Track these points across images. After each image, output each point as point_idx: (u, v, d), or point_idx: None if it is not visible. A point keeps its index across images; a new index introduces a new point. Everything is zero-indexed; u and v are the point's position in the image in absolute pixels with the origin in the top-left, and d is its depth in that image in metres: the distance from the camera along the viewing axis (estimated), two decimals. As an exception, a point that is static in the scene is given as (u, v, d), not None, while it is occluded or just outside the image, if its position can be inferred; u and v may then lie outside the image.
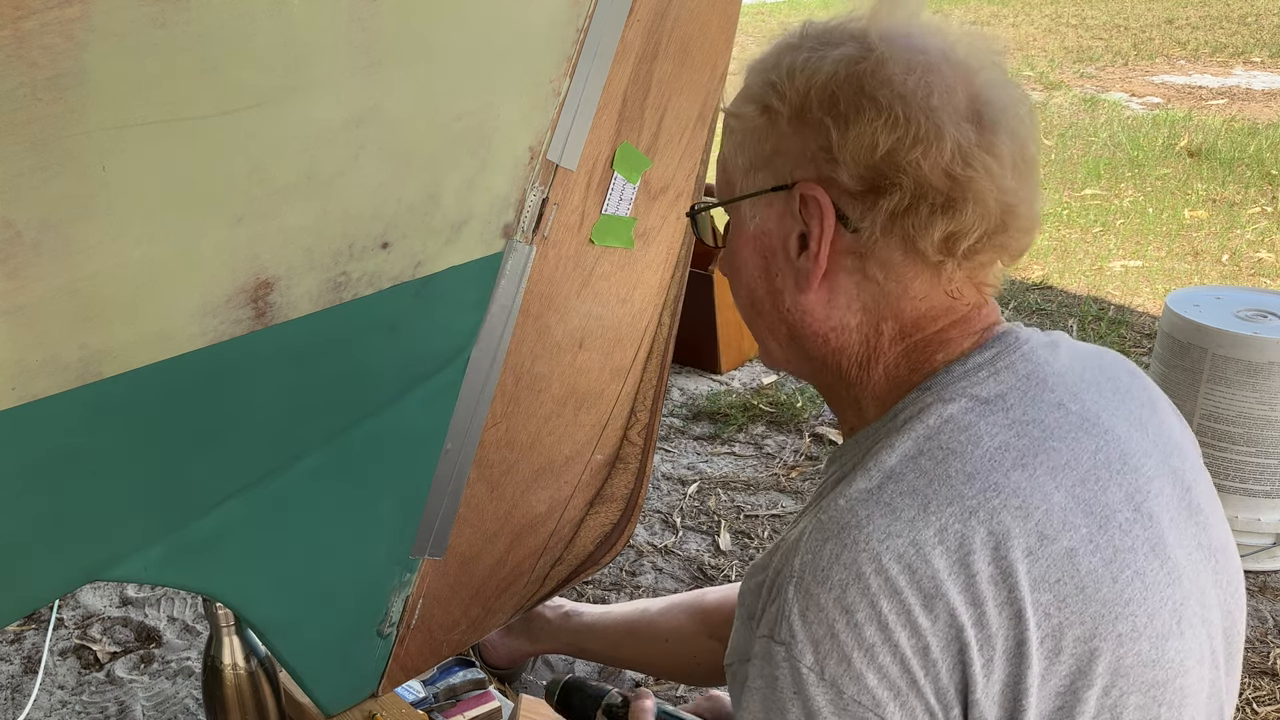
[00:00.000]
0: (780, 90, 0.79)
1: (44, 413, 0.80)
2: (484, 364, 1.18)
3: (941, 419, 0.76)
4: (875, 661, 0.69)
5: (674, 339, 1.42)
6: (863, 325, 0.82)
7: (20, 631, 2.05)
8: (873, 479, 0.74)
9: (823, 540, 0.72)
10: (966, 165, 0.75)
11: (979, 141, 0.75)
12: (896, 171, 0.75)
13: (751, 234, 0.84)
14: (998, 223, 0.77)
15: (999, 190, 0.76)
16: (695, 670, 1.57)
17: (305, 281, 0.92)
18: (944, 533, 0.70)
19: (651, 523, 2.42)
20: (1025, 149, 0.78)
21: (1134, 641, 0.73)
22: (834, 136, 0.76)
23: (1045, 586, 0.70)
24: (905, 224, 0.76)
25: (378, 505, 1.18)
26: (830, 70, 0.77)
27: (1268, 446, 2.17)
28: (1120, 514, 0.75)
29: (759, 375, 3.20)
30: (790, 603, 0.71)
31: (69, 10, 0.66)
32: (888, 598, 0.69)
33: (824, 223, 0.78)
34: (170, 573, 1.00)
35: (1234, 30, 9.27)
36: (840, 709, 0.69)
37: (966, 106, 0.76)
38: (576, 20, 1.02)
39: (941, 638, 0.68)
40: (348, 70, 0.84)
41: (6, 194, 0.69)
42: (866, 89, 0.75)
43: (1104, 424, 0.79)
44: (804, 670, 0.70)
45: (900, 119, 0.74)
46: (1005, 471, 0.73)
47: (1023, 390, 0.78)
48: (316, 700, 1.28)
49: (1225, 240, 4.28)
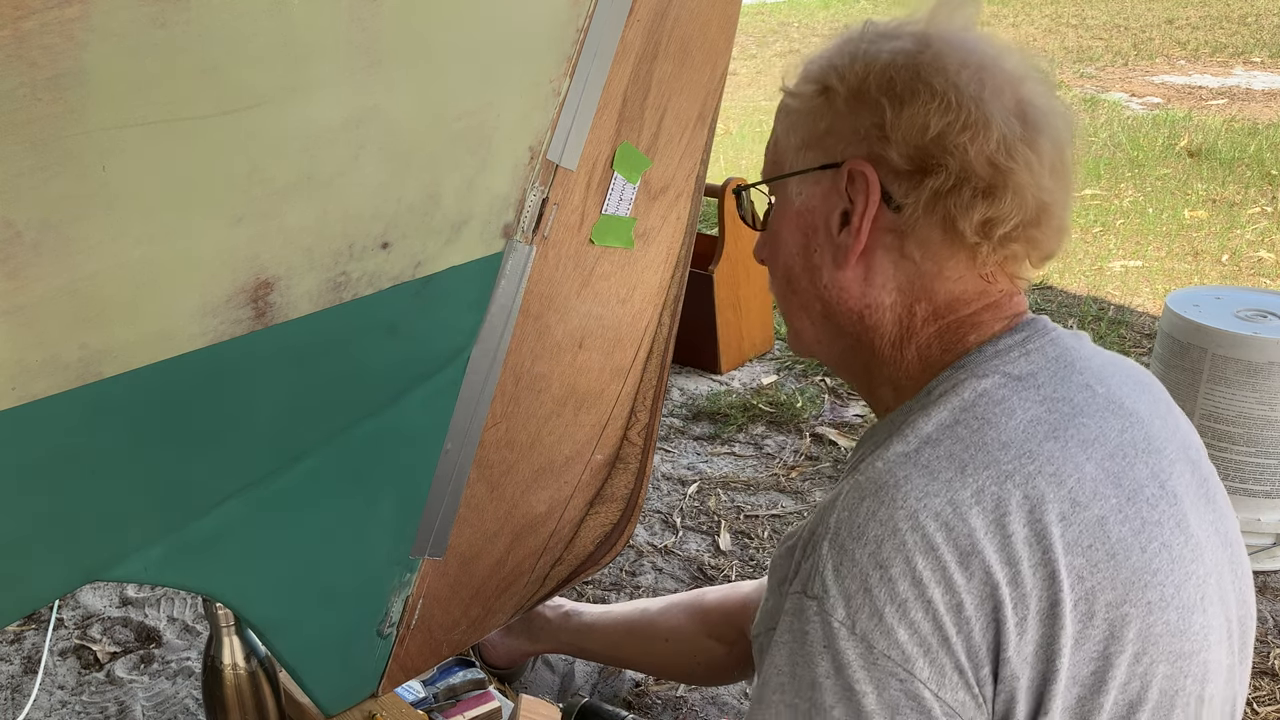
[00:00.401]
0: (841, 72, 0.84)
1: (44, 413, 0.80)
2: (484, 364, 1.18)
3: (976, 393, 0.78)
4: (907, 617, 0.70)
5: (674, 339, 1.42)
6: (896, 305, 0.85)
7: (20, 631, 2.05)
8: (909, 444, 0.76)
9: (859, 498, 0.74)
10: (1010, 156, 0.79)
11: (1023, 136, 0.79)
12: (944, 153, 0.79)
13: (796, 210, 0.88)
14: (1033, 216, 0.81)
15: (1037, 186, 0.80)
16: (695, 670, 1.57)
17: (305, 281, 0.92)
18: (981, 494, 0.72)
19: (651, 523, 2.42)
20: (1063, 155, 0.82)
21: (1163, 610, 0.74)
22: (888, 115, 0.80)
23: (1079, 551, 0.72)
24: (947, 204, 0.80)
25: (378, 505, 1.18)
26: (889, 58, 0.82)
27: (1268, 446, 2.17)
28: (1147, 489, 0.77)
29: (759, 375, 3.20)
30: (825, 558, 0.73)
31: (69, 10, 0.66)
32: (923, 554, 0.70)
33: (869, 198, 0.82)
34: (170, 573, 1.00)
35: (1234, 30, 9.27)
36: (870, 663, 0.70)
37: (1014, 105, 0.80)
38: (576, 20, 1.02)
39: (976, 595, 0.69)
40: (348, 70, 0.84)
41: (6, 194, 0.69)
42: (923, 75, 0.80)
43: (1128, 408, 0.82)
44: (835, 624, 0.71)
45: (952, 104, 0.78)
46: (1039, 441, 0.75)
47: (1052, 370, 0.81)
48: (316, 700, 1.28)
49: (1225, 240, 4.28)
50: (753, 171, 5.88)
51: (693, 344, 3.14)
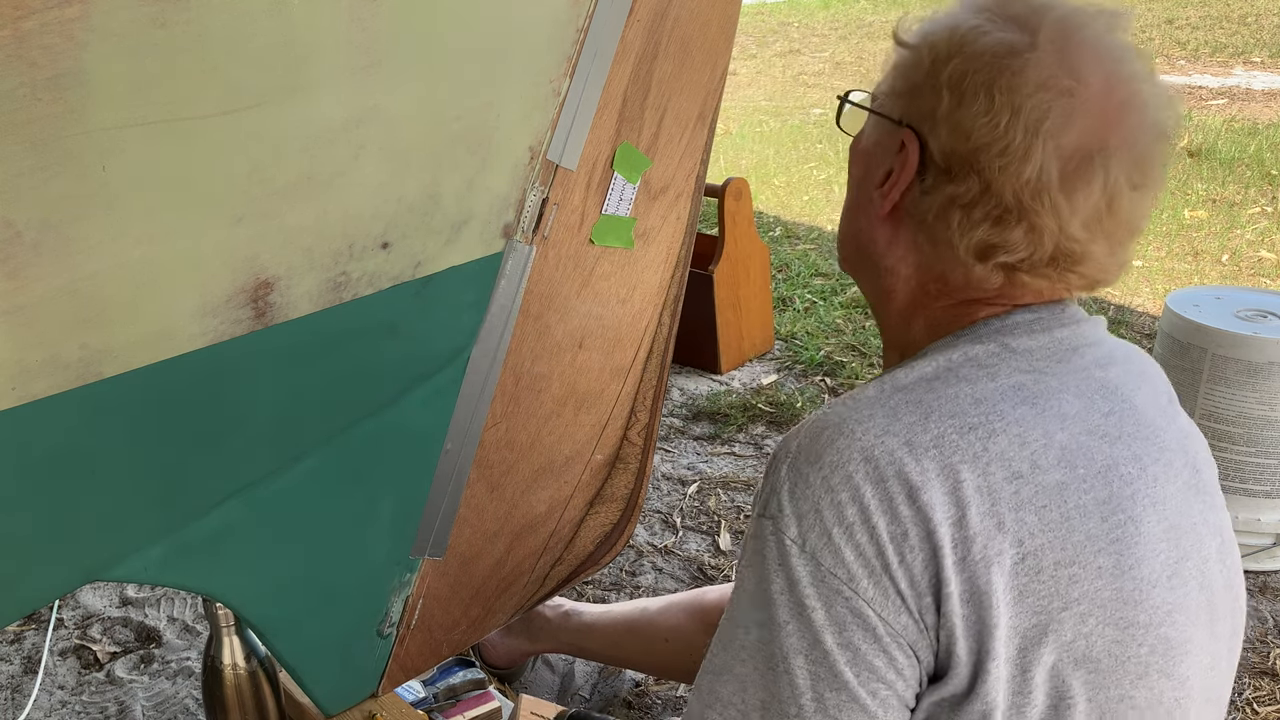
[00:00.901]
0: (935, 44, 0.82)
1: (44, 413, 0.80)
2: (484, 364, 1.18)
3: (965, 356, 0.80)
4: (853, 539, 0.72)
5: (674, 339, 1.42)
6: (911, 279, 0.86)
7: (20, 631, 2.05)
8: (884, 389, 0.78)
9: (821, 429, 0.76)
10: (1035, 197, 0.77)
11: (1060, 184, 0.76)
12: (972, 168, 0.78)
13: (864, 147, 0.90)
14: (1047, 257, 0.79)
15: (1061, 233, 0.78)
16: (695, 669, 1.57)
17: (305, 281, 0.92)
18: (940, 440, 0.74)
19: (651, 523, 2.42)
20: (1118, 212, 0.78)
21: (1115, 577, 0.76)
22: (943, 108, 0.79)
23: (1031, 509, 0.74)
24: (955, 216, 0.80)
25: (378, 505, 1.18)
26: (980, 50, 0.79)
27: (1268, 446, 2.17)
28: (1123, 467, 0.78)
29: (759, 375, 3.20)
30: (782, 479, 0.76)
31: (69, 10, 0.66)
32: (873, 484, 0.73)
33: (904, 173, 0.83)
34: (170, 573, 1.00)
35: (1234, 30, 9.26)
36: (818, 580, 0.73)
37: (1075, 145, 0.76)
38: (576, 20, 1.02)
39: (919, 529, 0.72)
40: (348, 70, 0.84)
41: (6, 194, 0.69)
42: (997, 82, 0.77)
43: (1125, 394, 0.82)
44: (788, 542, 0.74)
45: (1000, 127, 0.76)
46: (1013, 405, 0.77)
47: (1051, 350, 0.81)
48: (316, 700, 1.28)
49: (1225, 240, 4.28)
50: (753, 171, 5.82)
51: (693, 344, 3.14)
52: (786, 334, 3.46)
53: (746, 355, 3.28)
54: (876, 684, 0.73)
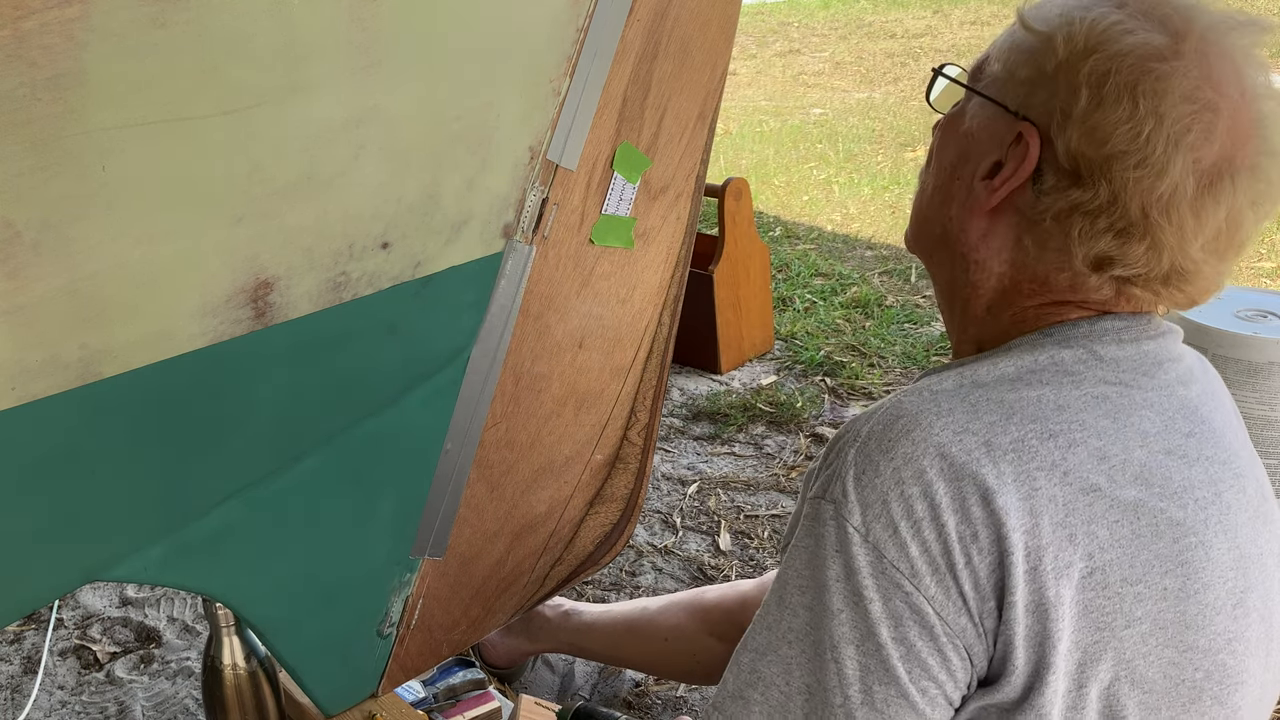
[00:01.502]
0: (1073, 34, 0.77)
1: (44, 413, 0.80)
2: (484, 364, 1.18)
3: (1052, 359, 0.77)
4: (920, 535, 0.70)
5: (674, 339, 1.42)
6: (1004, 277, 0.82)
7: (20, 631, 2.05)
8: (963, 384, 0.75)
9: (896, 415, 0.73)
10: (1165, 213, 0.74)
11: (1193, 202, 0.74)
12: (1104, 176, 0.74)
13: (964, 129, 0.85)
14: (1162, 275, 0.77)
15: (1180, 252, 0.75)
16: (695, 669, 1.57)
17: (305, 281, 0.92)
18: (1020, 444, 0.71)
19: (651, 523, 2.42)
20: (1237, 232, 0.77)
21: (1180, 600, 0.74)
22: (1080, 107, 0.75)
23: (1104, 524, 0.72)
24: (1078, 223, 0.76)
25: (378, 505, 1.18)
26: (1125, 48, 0.74)
27: (1268, 446, 2.17)
28: (1198, 491, 0.76)
29: (759, 375, 3.20)
30: (848, 464, 0.73)
31: (69, 10, 0.66)
32: (946, 482, 0.70)
33: (1020, 169, 0.78)
34: (170, 573, 1.00)
35: (1234, 30, 9.25)
36: (879, 572, 0.71)
37: (1211, 162, 0.74)
38: (576, 20, 1.02)
39: (991, 532, 0.69)
40: (348, 70, 0.84)
41: (6, 194, 0.69)
42: (1140, 86, 0.73)
43: (1204, 415, 0.80)
44: (850, 530, 0.72)
45: (1143, 135, 0.73)
46: (1095, 416, 0.74)
47: (1138, 362, 0.79)
48: (316, 700, 1.28)
49: (1225, 240, 4.28)
50: (753, 171, 5.82)
51: (693, 344, 3.14)
52: (786, 334, 3.46)
53: (746, 355, 3.28)
54: (927, 682, 0.71)
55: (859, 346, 3.33)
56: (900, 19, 9.76)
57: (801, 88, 8.02)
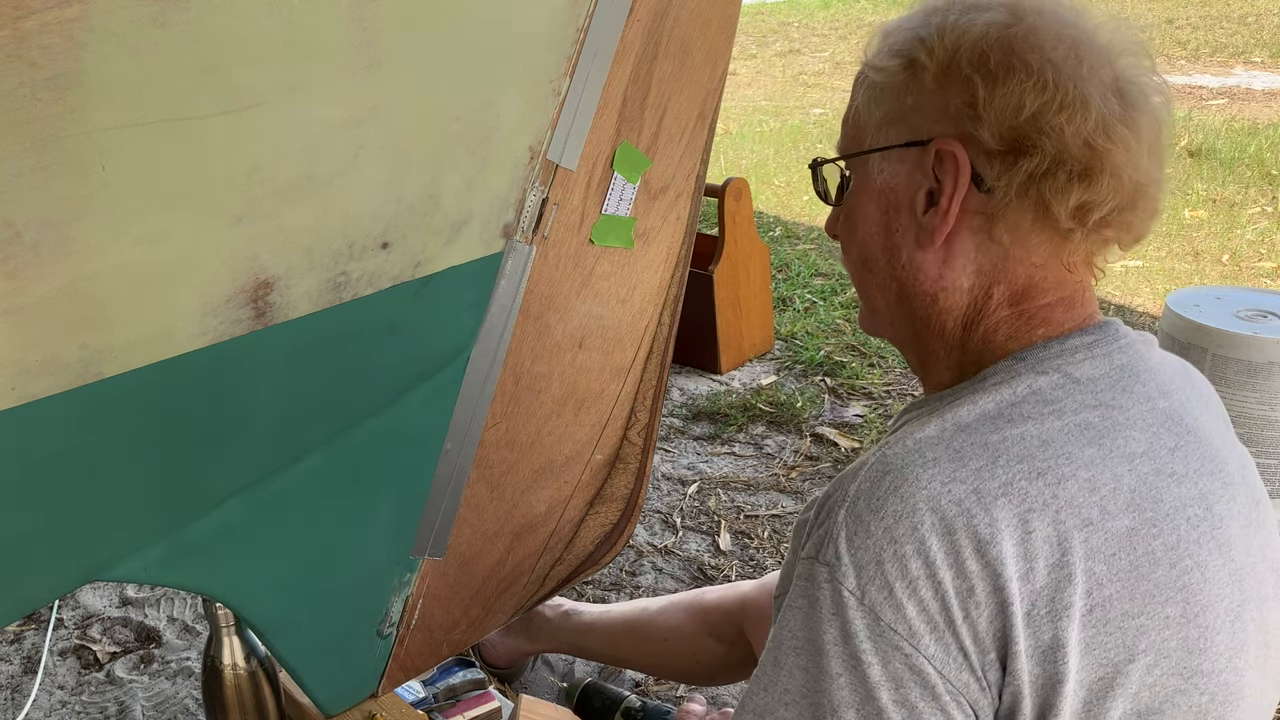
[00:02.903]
0: (929, 46, 0.79)
1: (44, 413, 0.80)
2: (484, 364, 1.18)
3: (1030, 389, 0.77)
4: (917, 594, 0.69)
5: (674, 339, 1.42)
6: (974, 288, 0.82)
7: (20, 631, 2.05)
8: (945, 428, 0.75)
9: (883, 472, 0.73)
10: (1108, 137, 0.76)
11: (1122, 116, 0.76)
12: (1039, 134, 0.75)
13: (877, 189, 0.85)
14: (1128, 199, 0.78)
15: (1134, 168, 0.77)
16: (695, 669, 1.57)
17: (305, 281, 0.92)
18: (1009, 487, 0.71)
19: (651, 523, 2.42)
20: (1161, 133, 0.79)
21: (1182, 626, 0.74)
22: (981, 94, 0.77)
23: (1101, 558, 0.71)
24: (1042, 188, 0.77)
25: (378, 505, 1.18)
26: (981, 31, 0.78)
27: (1268, 446, 2.17)
28: (1190, 509, 0.76)
29: (759, 375, 3.20)
30: (839, 525, 0.73)
31: (69, 10, 0.66)
32: (939, 536, 0.69)
33: (958, 180, 0.79)
34: (170, 573, 1.00)
35: (1234, 30, 9.26)
36: (876, 635, 0.70)
37: (1111, 82, 0.77)
38: (576, 20, 1.02)
39: (988, 584, 0.69)
40: (348, 70, 0.84)
41: (6, 194, 0.69)
42: (1017, 51, 0.76)
43: (1188, 424, 0.80)
44: (845, 593, 0.71)
45: (1049, 83, 0.75)
46: (1080, 446, 0.74)
47: (1115, 378, 0.79)
48: (316, 700, 1.28)
49: (1225, 240, 4.28)
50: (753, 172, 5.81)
51: (693, 344, 3.14)
52: (786, 334, 3.46)
53: (746, 355, 3.28)
54: None
55: (859, 346, 3.33)
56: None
57: (801, 88, 8.01)
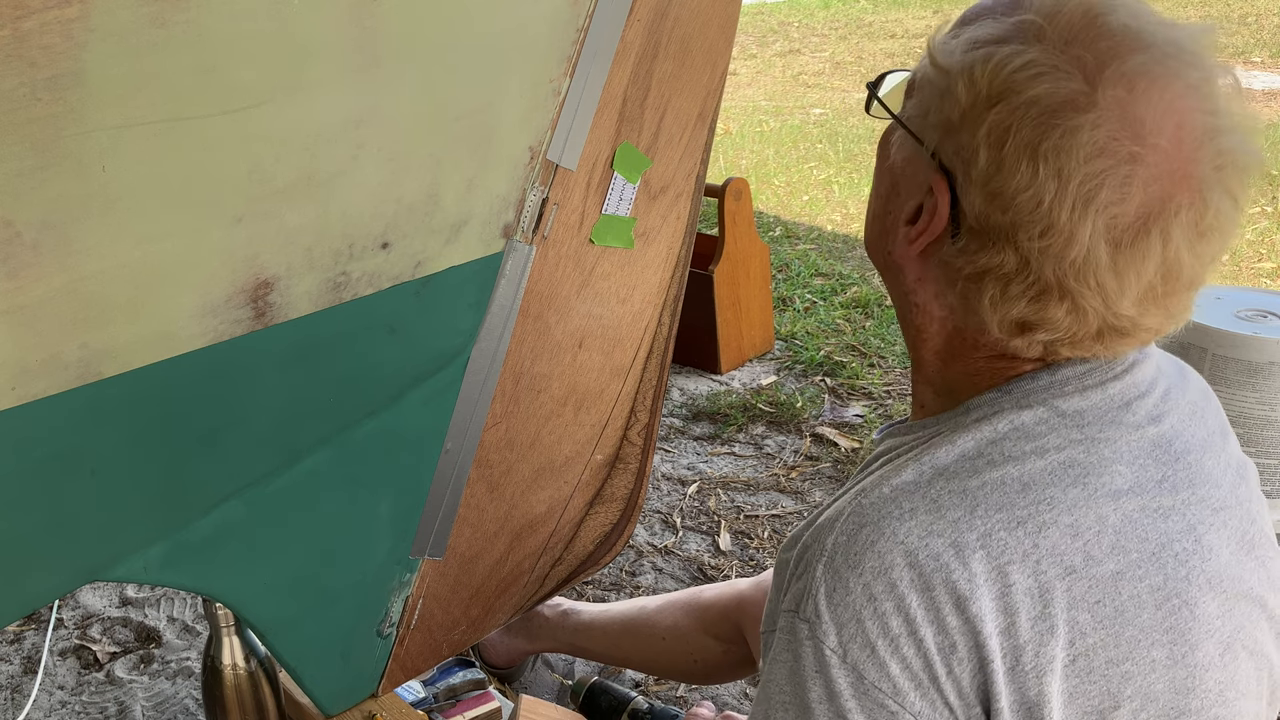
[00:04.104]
0: (974, 80, 0.69)
1: (44, 413, 0.80)
2: (484, 364, 1.18)
3: (1012, 425, 0.73)
4: (899, 652, 0.69)
5: (674, 339, 1.42)
6: (946, 323, 0.78)
7: (20, 631, 2.05)
8: (923, 473, 0.72)
9: (859, 525, 0.71)
10: (1080, 279, 0.68)
11: (1111, 265, 0.67)
12: (1008, 243, 0.69)
13: (892, 161, 0.79)
14: (1092, 334, 0.72)
15: (1107, 312, 0.70)
16: (693, 668, 1.57)
17: (305, 281, 0.92)
18: (987, 538, 0.69)
19: (651, 523, 2.42)
20: (1178, 278, 0.69)
21: (1169, 668, 0.72)
22: (978, 169, 0.69)
23: (1084, 606, 0.70)
24: (991, 288, 0.71)
25: (378, 505, 1.18)
26: (1029, 98, 0.67)
27: (1268, 447, 2.17)
28: (1178, 544, 0.74)
29: (759, 375, 3.20)
30: (818, 581, 0.71)
31: (68, 10, 0.66)
32: (918, 593, 0.68)
33: (931, 224, 0.74)
34: (170, 573, 1.00)
35: (1234, 30, 9.25)
36: (861, 693, 0.69)
37: (1133, 219, 0.66)
38: (576, 20, 1.02)
39: (969, 640, 0.68)
40: (348, 70, 0.84)
41: (6, 194, 0.69)
42: (1041, 147, 0.66)
43: (1177, 449, 0.76)
44: (827, 652, 0.70)
45: (1044, 205, 0.66)
46: (1063, 488, 0.71)
47: (1104, 409, 0.74)
48: (316, 700, 1.28)
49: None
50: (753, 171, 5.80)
51: (693, 344, 3.14)
52: (786, 334, 3.46)
53: (746, 355, 3.28)
54: None
55: (859, 346, 3.33)
56: (900, 19, 9.76)
57: (801, 88, 8.01)
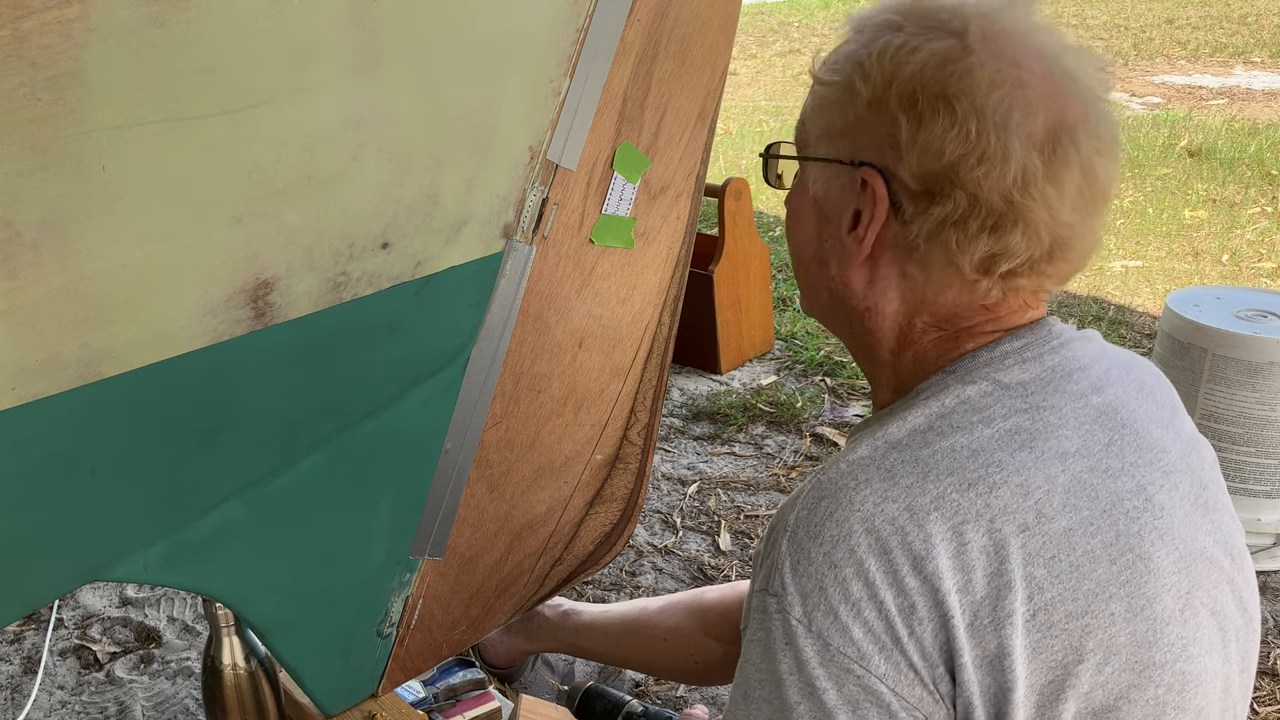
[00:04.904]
0: (866, 72, 0.79)
1: (44, 413, 0.80)
2: (484, 364, 1.18)
3: (958, 399, 0.77)
4: (861, 616, 0.71)
5: (674, 339, 1.42)
6: (898, 315, 0.83)
7: (20, 631, 2.05)
8: (877, 447, 0.76)
9: (818, 498, 0.74)
10: (1025, 193, 0.75)
11: (1045, 172, 0.75)
12: (955, 183, 0.75)
13: (812, 196, 0.85)
14: (1045, 252, 0.78)
15: (1054, 223, 0.76)
16: (694, 669, 1.57)
17: (305, 281, 0.92)
18: (940, 500, 0.72)
19: (651, 523, 2.42)
20: (1095, 183, 0.78)
21: (1128, 621, 0.74)
22: (904, 133, 0.76)
23: (1040, 562, 0.72)
24: (951, 235, 0.77)
25: (378, 505, 1.18)
26: (918, 65, 0.76)
27: (1268, 446, 2.17)
28: (1128, 501, 0.76)
29: (759, 375, 3.20)
30: (783, 556, 0.74)
31: (68, 10, 0.66)
32: (876, 556, 0.71)
33: (875, 211, 0.79)
34: (170, 573, 1.00)
35: (1234, 30, 9.26)
36: (827, 660, 0.71)
37: (1044, 132, 0.75)
38: (576, 20, 1.02)
39: (928, 599, 0.70)
40: (348, 70, 0.84)
41: (6, 194, 0.69)
42: (948, 93, 0.75)
43: (1123, 417, 0.80)
44: (793, 622, 0.72)
45: (972, 134, 0.74)
46: (1011, 451, 0.74)
47: (1046, 379, 0.79)
48: (316, 700, 1.28)
49: (1225, 240, 4.28)
50: (753, 171, 5.83)
51: (693, 344, 3.14)
52: (786, 334, 3.46)
53: (746, 355, 3.28)
54: None
55: (859, 346, 3.33)
56: (900, 19, 9.74)
57: (801, 88, 8.00)
